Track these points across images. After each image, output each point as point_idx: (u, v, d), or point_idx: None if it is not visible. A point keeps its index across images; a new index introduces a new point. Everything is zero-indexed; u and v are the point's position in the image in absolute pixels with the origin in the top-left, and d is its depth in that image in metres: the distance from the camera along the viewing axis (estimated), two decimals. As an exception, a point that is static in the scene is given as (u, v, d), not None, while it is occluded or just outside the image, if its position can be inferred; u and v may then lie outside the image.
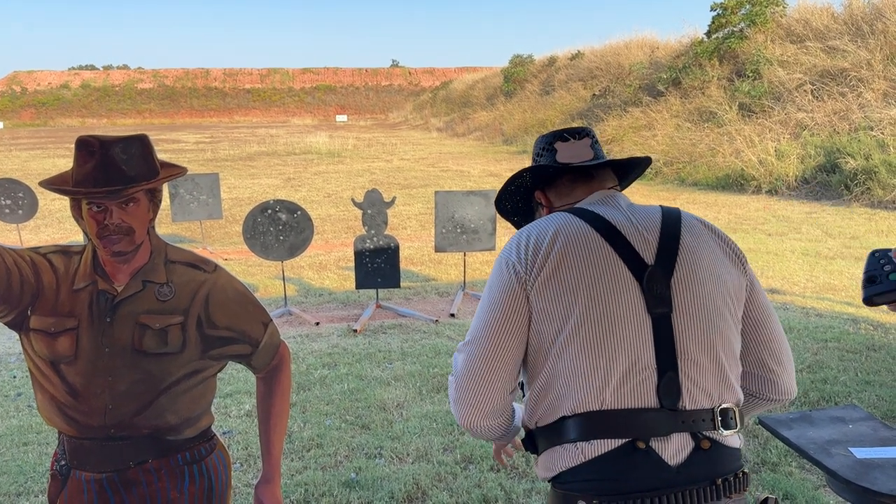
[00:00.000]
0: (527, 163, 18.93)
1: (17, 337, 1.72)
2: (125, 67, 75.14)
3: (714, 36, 20.66)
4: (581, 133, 1.65)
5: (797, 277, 7.64)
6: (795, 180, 13.42)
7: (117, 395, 1.66)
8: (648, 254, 1.42)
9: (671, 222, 1.48)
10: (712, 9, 20.88)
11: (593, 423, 1.35)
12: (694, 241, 1.46)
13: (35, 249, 1.71)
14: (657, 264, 1.41)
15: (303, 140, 30.22)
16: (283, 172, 19.15)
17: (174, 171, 1.72)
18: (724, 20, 20.38)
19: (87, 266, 1.69)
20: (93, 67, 75.05)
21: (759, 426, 3.27)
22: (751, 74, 17.76)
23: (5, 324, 1.70)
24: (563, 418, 1.39)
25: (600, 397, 1.35)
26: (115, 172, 1.58)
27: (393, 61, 78.99)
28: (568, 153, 1.62)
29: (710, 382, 1.39)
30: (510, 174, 1.68)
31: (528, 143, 22.50)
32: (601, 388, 1.35)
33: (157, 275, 1.70)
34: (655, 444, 1.34)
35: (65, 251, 1.72)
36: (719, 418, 1.38)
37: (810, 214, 11.37)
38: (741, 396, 1.45)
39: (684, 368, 1.37)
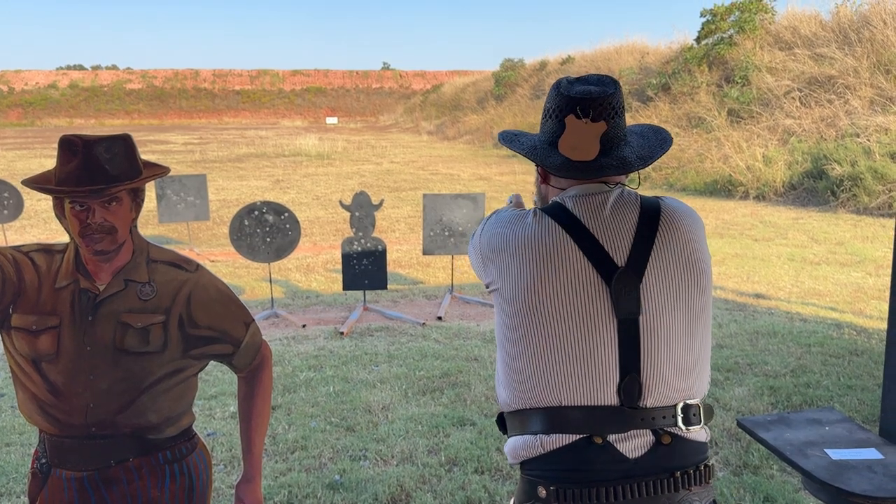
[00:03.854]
0: (517, 167, 19.04)
1: (-1, 335, 1.72)
2: (114, 68, 74.57)
3: (703, 42, 20.78)
4: (600, 111, 1.43)
5: (783, 282, 7.70)
6: (782, 186, 13.52)
7: (98, 394, 1.66)
8: (620, 256, 1.41)
9: (648, 221, 1.44)
10: (702, 15, 21.02)
11: (552, 419, 1.40)
12: (671, 238, 1.44)
13: (17, 248, 1.72)
14: (628, 266, 1.40)
15: (292, 142, 30.15)
16: (272, 174, 19.11)
17: (157, 170, 1.73)
18: (713, 26, 20.51)
19: (70, 265, 1.70)
20: (81, 67, 74.49)
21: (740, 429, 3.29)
22: (739, 80, 17.88)
23: None
24: (526, 410, 1.44)
25: (558, 396, 1.40)
26: (98, 171, 1.59)
27: (384, 64, 79.11)
28: (572, 139, 1.44)
29: (674, 381, 1.41)
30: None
31: (517, 147, 22.42)
32: (561, 386, 1.39)
33: (140, 274, 1.71)
34: (613, 439, 1.38)
35: (47, 249, 1.73)
36: (681, 415, 1.40)
37: (797, 220, 11.46)
38: (707, 390, 1.47)
39: (648, 369, 1.38)
